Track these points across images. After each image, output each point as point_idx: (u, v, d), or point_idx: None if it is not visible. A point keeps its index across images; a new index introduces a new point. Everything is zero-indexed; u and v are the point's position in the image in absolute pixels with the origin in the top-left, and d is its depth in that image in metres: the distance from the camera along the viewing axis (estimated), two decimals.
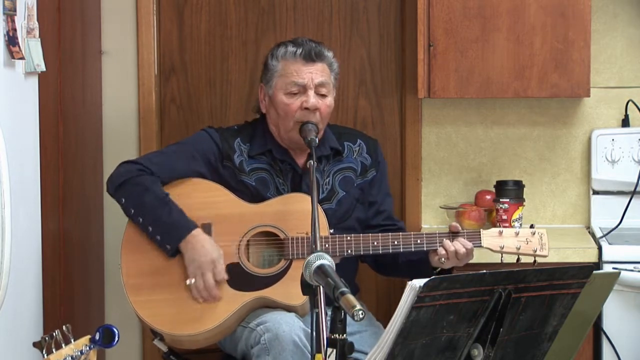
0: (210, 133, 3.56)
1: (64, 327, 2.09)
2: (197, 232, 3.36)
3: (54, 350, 2.05)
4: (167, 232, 3.36)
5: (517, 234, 3.40)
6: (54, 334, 2.07)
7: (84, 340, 2.14)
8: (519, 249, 3.38)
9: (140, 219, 3.38)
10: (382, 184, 3.66)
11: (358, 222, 3.57)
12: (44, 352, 2.04)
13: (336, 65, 3.57)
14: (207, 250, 3.34)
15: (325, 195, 3.53)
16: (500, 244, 3.39)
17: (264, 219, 3.42)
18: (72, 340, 2.10)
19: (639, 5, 4.17)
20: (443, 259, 3.37)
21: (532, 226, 3.43)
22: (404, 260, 3.52)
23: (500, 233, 3.41)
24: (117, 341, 2.17)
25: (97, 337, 2.16)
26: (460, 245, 3.36)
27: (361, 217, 3.59)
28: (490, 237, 3.40)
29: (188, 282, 3.34)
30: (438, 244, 3.38)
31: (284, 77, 3.50)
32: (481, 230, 3.42)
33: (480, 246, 3.40)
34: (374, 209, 3.63)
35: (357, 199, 3.58)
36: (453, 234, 3.39)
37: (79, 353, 2.11)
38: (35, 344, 2.06)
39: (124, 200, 3.41)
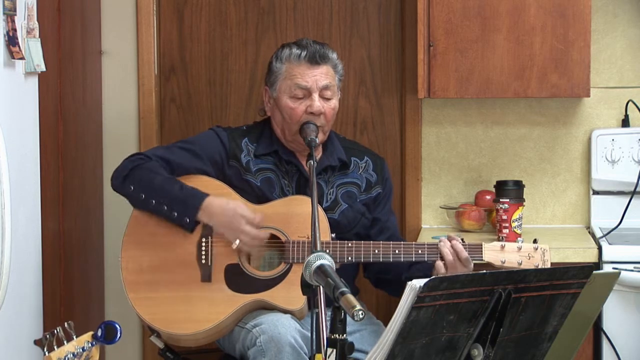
0: (218, 132, 3.55)
1: (65, 324, 2.09)
2: (210, 199, 3.35)
3: (55, 347, 2.05)
4: (182, 205, 3.35)
5: (519, 248, 3.40)
6: (56, 331, 2.06)
7: (86, 336, 2.13)
8: (520, 264, 3.38)
9: (153, 201, 3.37)
10: (388, 203, 3.65)
11: (357, 237, 3.54)
12: (45, 350, 2.03)
13: (341, 67, 3.56)
14: (229, 208, 3.33)
15: (328, 205, 3.52)
16: (501, 259, 3.39)
17: (266, 220, 3.41)
18: (74, 337, 2.10)
19: (639, 5, 4.18)
20: (441, 272, 3.35)
21: (535, 241, 3.43)
22: (407, 277, 3.49)
23: (502, 247, 3.40)
24: (120, 337, 2.17)
25: (99, 333, 2.15)
26: (459, 245, 3.35)
27: (362, 234, 3.57)
28: (492, 251, 3.40)
29: (234, 245, 3.33)
30: (439, 254, 3.37)
31: (288, 81, 3.48)
32: (483, 243, 3.41)
33: (482, 260, 3.39)
34: (378, 226, 3.61)
35: (362, 214, 3.57)
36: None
37: (81, 350, 2.11)
38: (36, 342, 2.06)
39: (132, 187, 3.40)
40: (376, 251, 3.38)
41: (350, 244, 3.37)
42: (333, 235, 3.39)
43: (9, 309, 3.07)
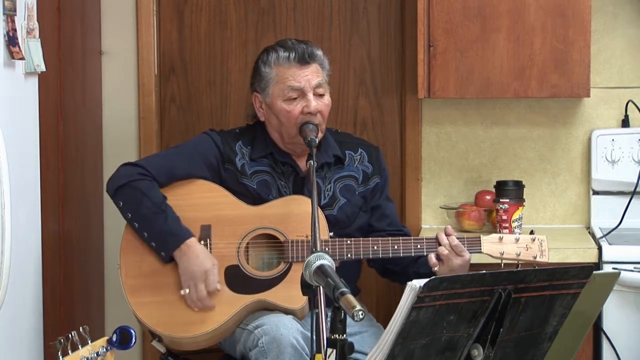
0: (212, 136, 3.54)
1: (80, 328, 2.09)
2: (191, 242, 3.35)
3: (69, 352, 2.04)
4: (162, 240, 3.35)
5: (517, 240, 3.40)
6: (70, 335, 2.06)
7: (101, 341, 2.13)
8: (518, 255, 3.38)
9: (136, 224, 3.38)
10: (385, 190, 3.65)
11: (360, 231, 3.56)
12: (59, 354, 2.03)
13: (327, 62, 3.55)
14: (201, 260, 3.33)
15: (327, 201, 3.52)
16: (500, 250, 3.39)
17: (264, 221, 3.41)
18: (89, 342, 2.09)
19: (639, 5, 4.18)
20: (435, 268, 3.36)
21: (532, 232, 3.43)
22: (413, 271, 3.50)
23: (500, 239, 3.40)
24: (134, 342, 2.16)
25: (114, 338, 2.15)
26: (453, 238, 3.35)
27: (363, 226, 3.58)
28: (490, 243, 3.40)
29: (182, 292, 3.34)
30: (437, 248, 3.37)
31: (280, 84, 3.47)
32: (481, 236, 3.41)
33: (480, 252, 3.40)
34: (378, 213, 3.61)
35: (359, 207, 3.57)
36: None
37: (95, 355, 2.10)
38: (50, 346, 2.05)
39: (121, 203, 3.41)
40: (375, 247, 3.38)
41: (349, 241, 3.38)
42: (331, 233, 3.39)
43: (9, 309, 3.06)
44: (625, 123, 4.18)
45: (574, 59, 3.88)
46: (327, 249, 3.35)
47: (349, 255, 3.37)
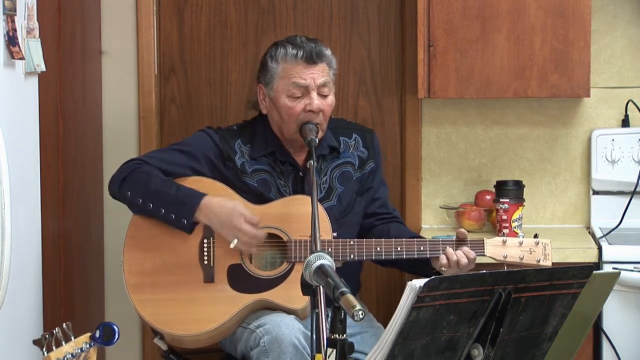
0: (210, 133, 3.55)
1: (64, 324, 2.09)
2: (208, 198, 3.35)
3: (54, 347, 2.05)
4: (179, 206, 3.35)
5: (520, 243, 3.40)
6: (54, 331, 2.06)
7: (84, 337, 2.13)
8: (522, 258, 3.38)
9: (151, 205, 3.37)
10: (377, 174, 3.66)
11: (360, 215, 3.57)
12: (44, 350, 2.03)
13: (334, 62, 3.55)
14: (228, 207, 3.33)
15: (323, 194, 3.53)
16: (503, 254, 3.39)
17: (267, 220, 3.41)
18: (73, 338, 2.10)
19: (639, 5, 4.18)
20: (444, 268, 3.36)
21: (536, 236, 3.43)
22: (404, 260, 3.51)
23: (504, 242, 3.40)
24: (117, 339, 2.17)
25: (97, 334, 2.15)
26: (462, 254, 3.35)
27: (362, 209, 3.60)
28: (493, 246, 3.40)
29: (232, 245, 3.33)
30: (441, 252, 3.37)
31: (285, 80, 3.47)
32: (485, 239, 3.41)
33: (484, 255, 3.40)
34: (369, 196, 3.62)
35: (356, 192, 3.58)
36: (457, 242, 3.38)
37: (79, 350, 2.11)
38: (35, 342, 2.06)
39: (129, 193, 3.40)
40: (378, 249, 3.38)
41: (352, 242, 3.38)
42: (334, 234, 3.40)
43: (9, 309, 3.06)
44: (625, 123, 4.18)
45: (574, 59, 3.88)
46: (329, 249, 3.35)
47: (352, 256, 3.37)
